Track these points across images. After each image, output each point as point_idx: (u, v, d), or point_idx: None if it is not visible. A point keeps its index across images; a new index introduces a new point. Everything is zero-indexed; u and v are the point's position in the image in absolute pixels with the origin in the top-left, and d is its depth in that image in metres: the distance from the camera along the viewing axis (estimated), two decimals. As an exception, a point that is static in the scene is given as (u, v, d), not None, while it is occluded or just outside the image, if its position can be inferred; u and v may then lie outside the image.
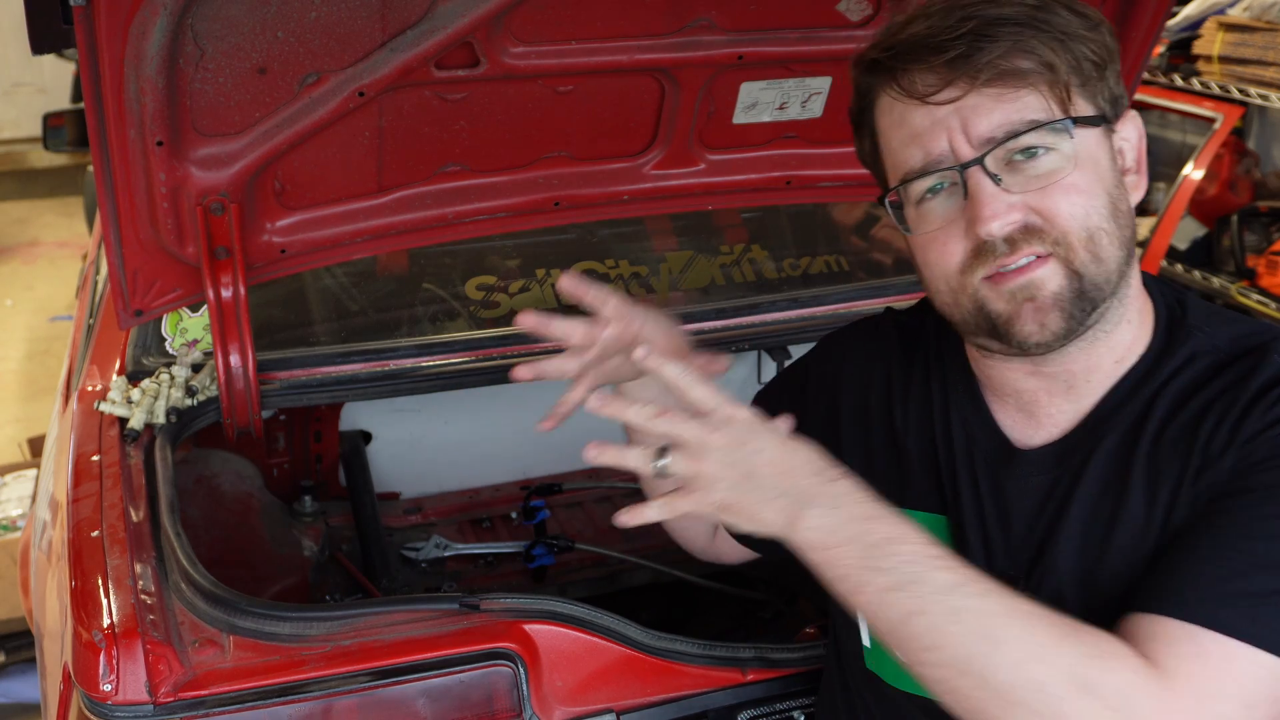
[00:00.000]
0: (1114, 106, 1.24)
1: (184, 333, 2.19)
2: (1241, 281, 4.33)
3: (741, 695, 1.64)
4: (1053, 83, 1.19)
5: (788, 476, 1.17)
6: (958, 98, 1.19)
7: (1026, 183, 1.19)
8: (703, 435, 1.18)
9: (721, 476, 1.17)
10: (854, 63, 1.31)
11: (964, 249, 1.22)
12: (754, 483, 1.17)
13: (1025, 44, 1.18)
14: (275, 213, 1.99)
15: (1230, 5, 4.34)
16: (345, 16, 1.72)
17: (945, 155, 1.21)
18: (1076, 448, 1.27)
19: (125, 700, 1.44)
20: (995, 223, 1.18)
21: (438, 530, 2.59)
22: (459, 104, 1.95)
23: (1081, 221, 1.19)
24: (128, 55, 1.59)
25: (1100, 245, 1.19)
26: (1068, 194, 1.19)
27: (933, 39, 1.20)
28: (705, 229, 2.83)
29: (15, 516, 3.59)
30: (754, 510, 1.18)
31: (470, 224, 2.14)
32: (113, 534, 1.69)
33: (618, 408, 1.23)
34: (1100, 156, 1.22)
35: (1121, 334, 1.26)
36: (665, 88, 2.06)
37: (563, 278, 1.53)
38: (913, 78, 1.22)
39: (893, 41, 1.24)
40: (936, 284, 1.27)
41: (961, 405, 1.37)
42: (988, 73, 1.18)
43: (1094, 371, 1.27)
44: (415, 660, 1.52)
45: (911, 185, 1.25)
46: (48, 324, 6.29)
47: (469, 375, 2.23)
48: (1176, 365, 1.25)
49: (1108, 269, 1.20)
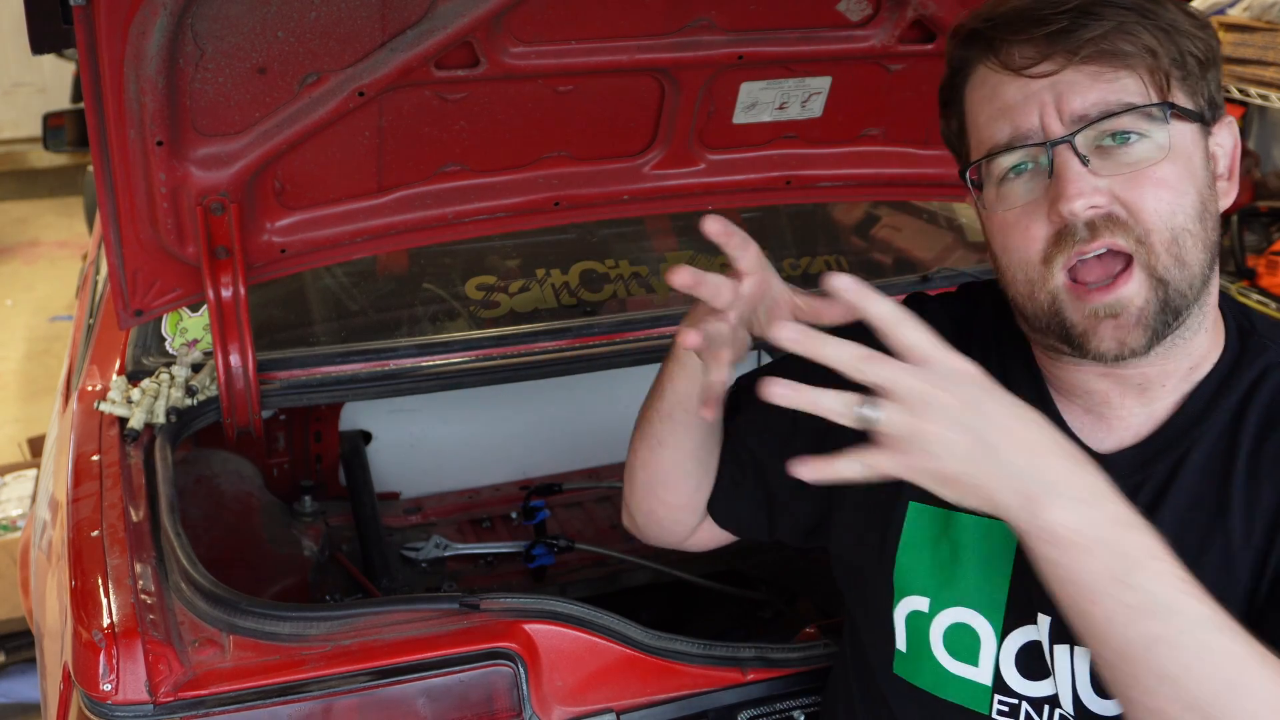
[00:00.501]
0: (1212, 109, 1.21)
1: (184, 333, 2.19)
2: (1241, 281, 4.33)
3: (741, 695, 1.64)
4: (1154, 69, 1.15)
5: (1033, 455, 1.03)
6: (1054, 72, 1.16)
7: (1116, 168, 1.15)
8: (928, 389, 1.01)
9: (952, 443, 1.01)
10: (951, 33, 1.27)
11: (1045, 234, 1.17)
12: (994, 458, 1.01)
13: (1129, 27, 1.15)
14: (275, 213, 1.99)
15: (1230, 5, 4.34)
16: (345, 16, 1.72)
17: (1034, 131, 1.17)
18: (1160, 455, 1.23)
19: (125, 700, 1.44)
20: (1079, 201, 1.13)
21: (438, 530, 2.59)
22: (459, 104, 1.95)
23: (1166, 220, 1.14)
24: (128, 55, 1.59)
25: (1185, 248, 1.15)
26: (1157, 188, 1.14)
27: (1036, 11, 1.17)
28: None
29: (15, 516, 3.59)
30: (988, 489, 1.02)
31: (470, 224, 2.14)
32: (113, 534, 1.69)
33: (814, 344, 1.02)
34: (1194, 155, 1.18)
35: (1200, 341, 1.22)
36: (665, 88, 2.06)
37: (709, 220, 1.24)
38: (1011, 49, 1.18)
39: (994, 12, 1.21)
40: (1014, 271, 1.22)
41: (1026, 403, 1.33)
42: (1088, 49, 1.15)
43: (1170, 376, 1.23)
44: (415, 660, 1.52)
45: (995, 161, 1.21)
46: (48, 324, 6.29)
47: (469, 375, 2.23)
48: (1254, 376, 1.22)
49: (1191, 273, 1.16)
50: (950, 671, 1.32)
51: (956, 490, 1.03)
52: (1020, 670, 1.28)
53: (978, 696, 1.30)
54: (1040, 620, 1.26)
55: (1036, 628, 1.26)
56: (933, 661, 1.33)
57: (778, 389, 1.02)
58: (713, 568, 2.46)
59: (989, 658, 1.30)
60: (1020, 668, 1.28)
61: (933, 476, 1.03)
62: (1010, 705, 1.29)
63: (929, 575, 1.34)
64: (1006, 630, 1.29)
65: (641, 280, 2.66)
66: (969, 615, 1.31)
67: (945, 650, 1.32)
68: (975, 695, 1.31)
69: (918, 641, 1.34)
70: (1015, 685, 1.29)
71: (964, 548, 1.32)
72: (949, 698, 1.32)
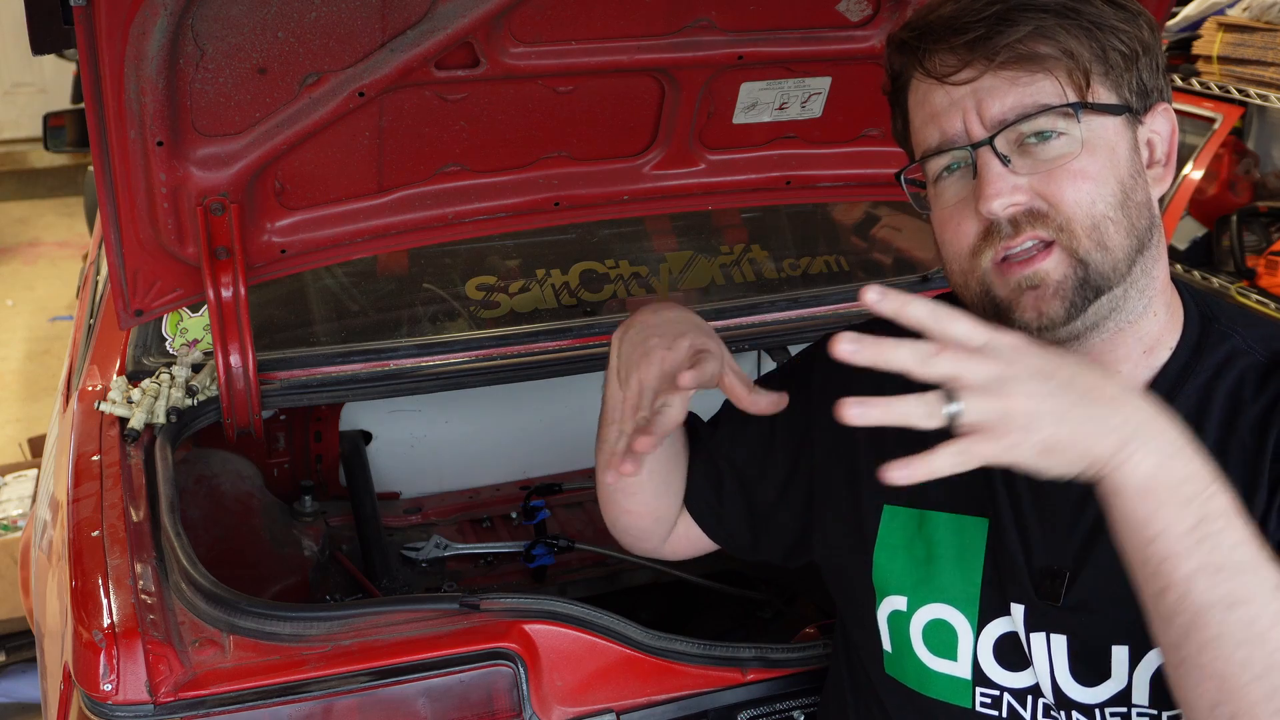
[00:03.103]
0: (1143, 99, 1.24)
1: (184, 333, 2.19)
2: (1241, 281, 4.33)
3: (741, 695, 1.64)
4: (1071, 69, 1.20)
5: (1117, 402, 1.03)
6: (974, 79, 1.21)
7: (1035, 165, 1.20)
8: (998, 369, 1.00)
9: (1042, 412, 1.00)
10: (886, 42, 1.33)
11: (975, 230, 1.23)
12: (1084, 410, 1.01)
13: (1047, 30, 1.19)
14: (275, 213, 1.99)
15: (1230, 5, 4.34)
16: (345, 16, 1.72)
17: (960, 135, 1.23)
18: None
19: (125, 700, 1.44)
20: (997, 201, 1.19)
21: (438, 530, 2.59)
22: (459, 104, 1.95)
23: (1087, 209, 1.19)
24: (128, 55, 1.59)
25: (1106, 233, 1.19)
26: (1075, 180, 1.19)
27: (957, 20, 1.21)
28: (705, 229, 2.83)
29: (15, 516, 3.59)
30: (1089, 441, 1.01)
31: (470, 224, 2.14)
32: (113, 534, 1.69)
33: (877, 351, 1.00)
34: (1117, 145, 1.22)
35: (1148, 324, 1.26)
36: (665, 88, 2.06)
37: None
38: (934, 58, 1.23)
39: (920, 22, 1.26)
40: (950, 264, 1.29)
41: None
42: (1004, 55, 1.19)
43: (1123, 361, 1.27)
44: (415, 660, 1.52)
45: (928, 163, 1.27)
46: (48, 324, 6.29)
47: (469, 375, 2.23)
48: (1218, 361, 1.25)
49: (1114, 258, 1.20)
50: (931, 668, 1.35)
51: (1058, 457, 1.01)
52: (999, 662, 1.31)
53: (959, 691, 1.33)
54: (1014, 610, 1.28)
55: (1011, 619, 1.29)
56: (915, 659, 1.36)
57: (854, 410, 1.00)
58: (713, 568, 2.46)
59: (967, 652, 1.32)
60: (999, 659, 1.31)
61: (1033, 449, 1.01)
62: (992, 697, 1.31)
63: (905, 574, 1.37)
64: (982, 623, 1.31)
65: (641, 280, 2.66)
66: (945, 611, 1.34)
67: (925, 647, 1.35)
68: (957, 690, 1.33)
69: (900, 641, 1.37)
70: (995, 677, 1.31)
71: (938, 545, 1.35)
72: (933, 694, 1.34)
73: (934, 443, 1.26)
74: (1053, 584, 1.26)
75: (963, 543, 1.33)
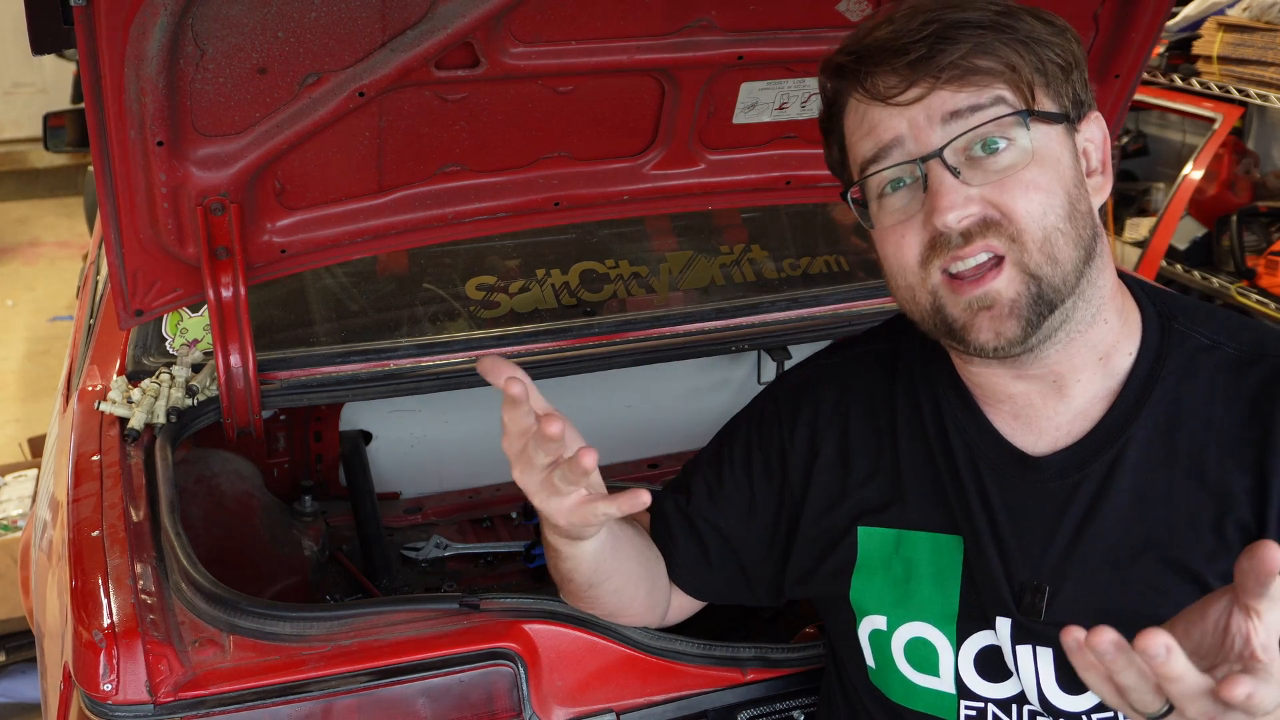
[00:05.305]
0: (1078, 108, 1.26)
1: (184, 333, 2.19)
2: (1241, 281, 4.34)
3: (741, 695, 1.64)
4: (1015, 81, 1.20)
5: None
6: (922, 96, 1.21)
7: (986, 176, 1.20)
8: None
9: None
10: (821, 69, 1.32)
11: (921, 241, 1.22)
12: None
13: (987, 45, 1.20)
14: (275, 213, 1.99)
15: (1230, 5, 4.34)
16: (345, 16, 1.72)
17: (906, 150, 1.23)
18: (1096, 454, 1.26)
19: (125, 700, 1.44)
20: (952, 214, 1.19)
21: (438, 530, 2.59)
22: (459, 104, 1.95)
23: (1039, 220, 1.19)
24: (128, 55, 1.60)
25: (1056, 246, 1.19)
26: (1026, 190, 1.19)
27: (895, 42, 1.21)
28: (705, 229, 2.83)
29: (15, 516, 3.59)
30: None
31: (470, 224, 2.14)
32: (113, 534, 1.69)
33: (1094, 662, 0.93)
34: (1062, 155, 1.22)
35: (1099, 332, 1.26)
36: (665, 88, 2.06)
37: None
38: (876, 80, 1.23)
39: (857, 46, 1.26)
40: (895, 279, 1.28)
41: (956, 417, 1.35)
42: (949, 71, 1.20)
43: (1080, 370, 1.27)
44: (415, 660, 1.52)
45: (873, 178, 1.26)
46: (48, 324, 6.29)
47: (469, 375, 2.22)
48: (1183, 363, 1.26)
49: (1064, 270, 1.20)
50: (915, 684, 1.36)
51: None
52: (981, 674, 1.32)
53: (944, 705, 1.34)
54: (999, 624, 1.29)
55: (994, 633, 1.30)
56: (899, 675, 1.37)
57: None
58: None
59: (948, 667, 1.33)
60: (981, 672, 1.32)
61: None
62: (977, 709, 1.33)
63: (884, 594, 1.37)
64: (961, 639, 1.32)
65: (641, 280, 2.66)
66: (924, 629, 1.34)
67: (908, 664, 1.36)
68: (942, 704, 1.35)
69: (883, 658, 1.38)
70: (978, 689, 1.32)
71: (916, 564, 1.35)
72: (919, 708, 1.36)
73: (906, 469, 1.33)
74: (1034, 599, 1.27)
75: (940, 561, 1.34)
